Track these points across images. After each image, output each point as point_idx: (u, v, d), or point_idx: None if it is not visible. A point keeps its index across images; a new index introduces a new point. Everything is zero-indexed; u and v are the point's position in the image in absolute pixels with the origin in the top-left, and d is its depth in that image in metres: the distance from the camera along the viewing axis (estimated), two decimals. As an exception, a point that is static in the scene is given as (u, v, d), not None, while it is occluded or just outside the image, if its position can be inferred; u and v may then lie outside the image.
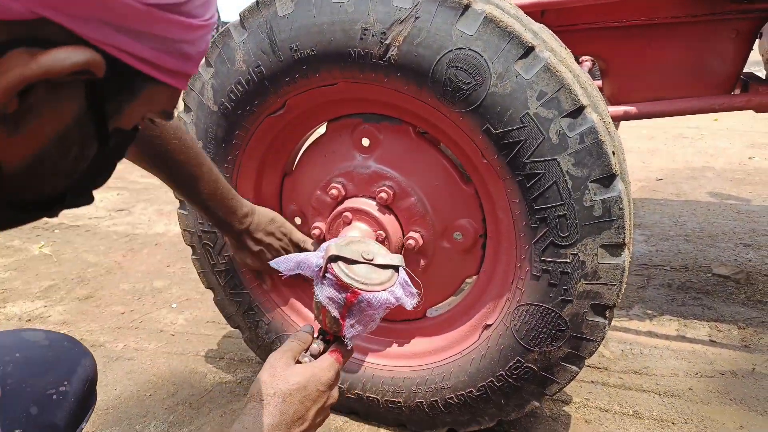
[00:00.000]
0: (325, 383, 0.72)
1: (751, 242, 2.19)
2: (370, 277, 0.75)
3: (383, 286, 0.75)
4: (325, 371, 0.73)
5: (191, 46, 0.47)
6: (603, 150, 0.87)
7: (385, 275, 0.76)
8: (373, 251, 0.78)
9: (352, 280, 0.73)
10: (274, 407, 0.68)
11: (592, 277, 0.94)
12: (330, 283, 0.74)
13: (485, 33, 0.88)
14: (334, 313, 0.74)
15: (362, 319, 0.75)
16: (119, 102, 0.46)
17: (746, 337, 1.57)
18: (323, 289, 0.75)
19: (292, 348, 0.76)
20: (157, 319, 1.91)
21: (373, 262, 0.76)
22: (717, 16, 1.40)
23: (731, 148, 3.70)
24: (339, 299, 0.74)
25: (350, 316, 0.75)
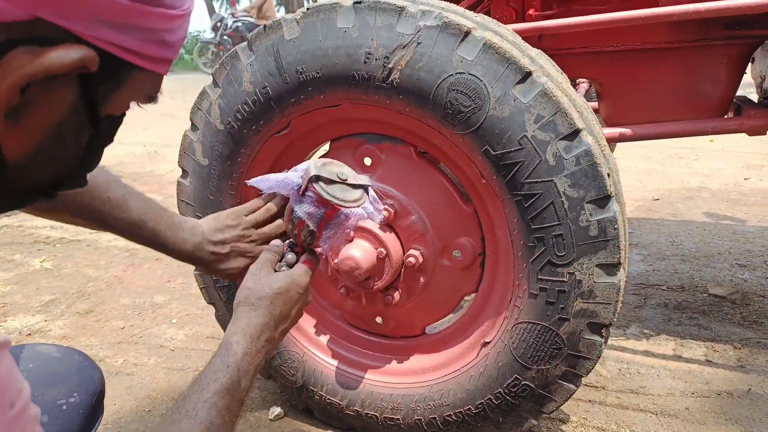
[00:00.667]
0: (303, 287, 0.82)
1: (747, 263, 2.21)
2: (346, 195, 0.84)
3: (357, 203, 0.84)
4: (302, 276, 0.82)
5: (171, 35, 0.51)
6: (598, 172, 0.90)
7: (357, 193, 0.85)
8: (345, 172, 0.86)
9: (331, 197, 0.81)
10: (263, 309, 0.77)
11: (588, 295, 0.96)
12: (310, 200, 0.82)
13: (484, 58, 0.91)
14: (312, 226, 0.83)
15: (338, 232, 0.86)
16: (108, 90, 0.49)
17: (742, 357, 1.59)
18: (302, 206, 0.83)
19: (269, 259, 0.84)
20: (157, 334, 1.91)
21: (347, 181, 0.85)
22: (709, 42, 1.44)
23: (727, 169, 3.74)
24: (318, 214, 0.83)
25: (327, 228, 0.85)
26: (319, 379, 1.30)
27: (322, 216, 0.83)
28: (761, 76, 1.70)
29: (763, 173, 3.59)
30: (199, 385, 0.69)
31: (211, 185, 1.21)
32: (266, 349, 0.77)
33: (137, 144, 5.63)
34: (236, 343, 0.73)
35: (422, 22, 0.94)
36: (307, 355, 1.32)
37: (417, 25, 0.94)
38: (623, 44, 1.50)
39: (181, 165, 1.24)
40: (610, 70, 1.56)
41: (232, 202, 1.22)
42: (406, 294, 1.21)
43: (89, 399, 0.84)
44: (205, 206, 1.23)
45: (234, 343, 0.73)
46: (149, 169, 4.52)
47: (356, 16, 0.98)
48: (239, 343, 0.73)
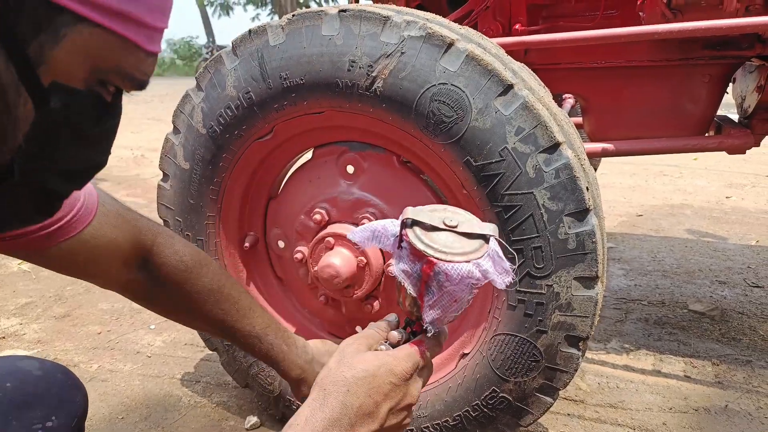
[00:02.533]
0: (399, 375, 0.59)
1: (727, 280, 2.24)
2: (452, 246, 0.61)
3: (466, 257, 0.60)
4: (401, 360, 0.60)
5: None
6: (577, 185, 0.90)
7: (471, 245, 0.62)
8: (458, 218, 0.64)
9: (427, 247, 0.60)
10: (335, 398, 0.57)
11: (566, 308, 0.96)
12: (405, 253, 0.62)
13: (467, 70, 0.92)
14: (410, 290, 0.62)
15: (442, 298, 0.62)
16: (41, 44, 0.39)
17: (720, 373, 1.60)
18: (398, 261, 0.63)
19: (369, 335, 0.65)
20: (135, 340, 1.88)
21: (458, 229, 0.63)
22: (691, 61, 1.47)
23: (709, 187, 3.80)
24: (414, 272, 0.61)
25: (428, 293, 0.62)
26: (297, 389, 1.29)
27: (419, 274, 0.61)
28: (741, 96, 1.74)
29: (744, 192, 3.66)
30: None
31: (191, 189, 1.20)
32: None
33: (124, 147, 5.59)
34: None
35: (406, 32, 0.95)
36: (285, 363, 1.30)
37: (401, 35, 0.95)
38: (607, 61, 1.53)
39: (162, 168, 1.23)
40: (595, 86, 1.58)
41: (212, 206, 1.21)
42: (387, 303, 1.20)
43: (69, 422, 0.77)
44: (186, 210, 1.22)
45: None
46: (135, 173, 4.48)
47: (341, 24, 0.98)
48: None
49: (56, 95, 0.41)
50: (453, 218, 0.63)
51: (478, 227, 0.64)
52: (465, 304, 0.63)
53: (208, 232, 1.23)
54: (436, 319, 0.63)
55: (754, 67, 1.65)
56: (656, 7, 1.35)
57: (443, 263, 0.59)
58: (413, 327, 0.67)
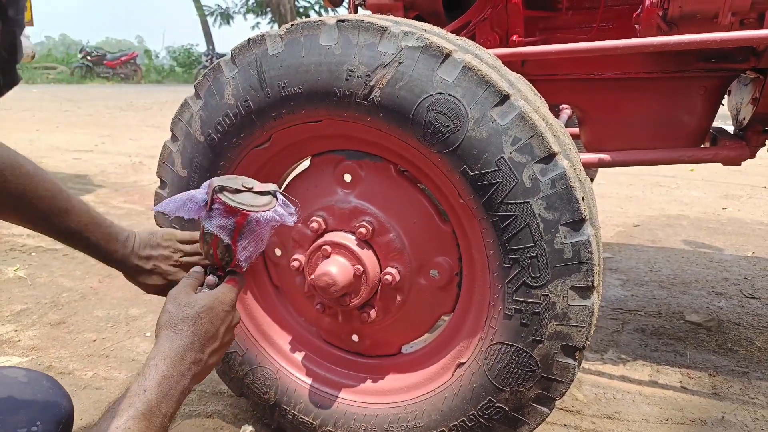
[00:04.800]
0: (229, 303, 0.80)
1: (723, 291, 2.24)
2: (254, 201, 0.82)
3: (267, 207, 0.83)
4: (227, 294, 0.80)
5: None
6: (573, 195, 0.91)
7: (266, 199, 0.84)
8: (250, 181, 0.85)
9: (239, 204, 0.80)
10: (186, 329, 0.74)
11: (562, 318, 0.96)
12: (218, 212, 0.80)
13: (464, 80, 0.93)
14: (225, 239, 0.81)
15: (253, 239, 0.83)
16: None
17: (716, 384, 1.60)
18: (212, 221, 0.81)
19: (190, 283, 0.82)
20: (130, 347, 1.87)
21: (253, 189, 0.84)
22: (686, 73, 1.48)
23: (706, 198, 3.82)
24: (229, 225, 0.80)
25: (241, 238, 0.82)
26: (293, 398, 1.28)
27: (234, 225, 0.81)
28: (737, 108, 1.75)
29: (740, 203, 3.67)
30: (112, 412, 0.65)
31: (189, 197, 1.20)
32: (193, 371, 0.73)
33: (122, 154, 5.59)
34: (155, 366, 0.70)
35: (404, 43, 0.95)
36: (280, 372, 1.30)
37: (399, 45, 0.96)
38: (604, 72, 1.54)
39: (160, 175, 1.23)
40: (591, 97, 1.59)
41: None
42: (383, 312, 1.20)
43: (53, 428, 0.79)
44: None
45: (153, 366, 0.70)
46: (132, 179, 4.48)
47: (339, 34, 0.99)
48: (158, 366, 0.70)
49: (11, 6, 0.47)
50: (247, 182, 0.85)
51: (266, 187, 0.87)
52: (267, 241, 0.87)
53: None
54: (248, 257, 0.84)
55: (749, 80, 1.66)
56: (652, 20, 1.37)
57: (254, 213, 0.81)
58: (217, 272, 0.86)
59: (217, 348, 0.78)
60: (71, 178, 4.51)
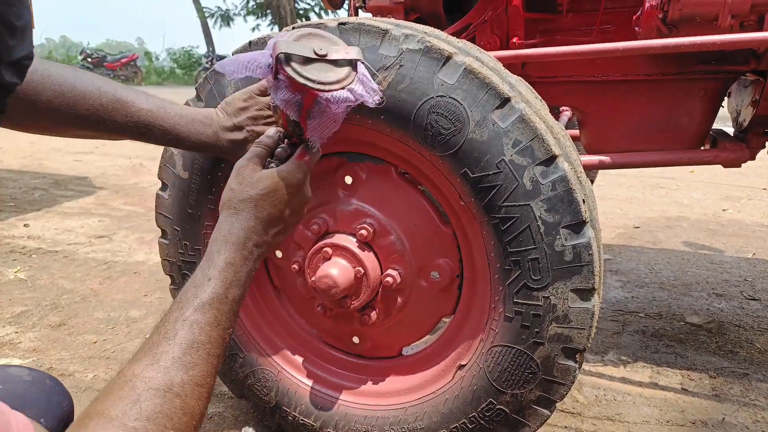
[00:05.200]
0: (295, 185, 0.73)
1: (724, 292, 2.24)
2: (326, 75, 0.69)
3: (341, 84, 0.69)
4: (293, 173, 0.73)
5: None
6: (573, 198, 0.91)
7: (342, 72, 0.70)
8: (325, 46, 0.70)
9: (306, 80, 0.67)
10: (247, 212, 0.70)
11: (563, 320, 0.96)
12: (284, 84, 0.69)
13: (465, 83, 0.93)
14: (293, 116, 0.71)
15: (324, 120, 0.73)
16: None
17: (717, 386, 1.60)
18: (277, 91, 0.70)
19: (258, 154, 0.75)
20: (130, 349, 1.87)
21: (328, 57, 0.70)
22: (686, 76, 1.49)
23: (706, 200, 3.82)
24: (295, 101, 0.70)
25: (310, 117, 0.72)
26: (293, 400, 1.28)
27: (301, 103, 0.70)
28: (737, 110, 1.75)
29: (741, 205, 3.67)
30: (178, 303, 0.63)
31: (190, 199, 1.20)
32: (256, 254, 0.70)
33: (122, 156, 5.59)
34: (217, 252, 0.67)
35: (405, 46, 0.96)
36: (281, 374, 1.30)
37: (400, 48, 0.96)
38: (604, 75, 1.54)
39: (161, 178, 1.23)
40: (591, 100, 1.59)
41: (211, 216, 1.21)
42: (384, 314, 1.20)
43: (56, 425, 0.80)
44: (184, 219, 1.22)
45: (215, 253, 0.67)
46: (132, 181, 4.48)
47: (340, 36, 0.99)
48: (220, 252, 0.67)
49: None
50: (322, 46, 0.70)
51: (345, 52, 0.72)
52: (341, 121, 0.76)
53: (205, 241, 1.23)
54: (318, 137, 0.75)
55: (749, 82, 1.66)
56: (652, 23, 1.37)
57: (324, 93, 0.68)
58: (291, 140, 0.77)
59: (281, 230, 0.74)
60: (71, 179, 4.52)
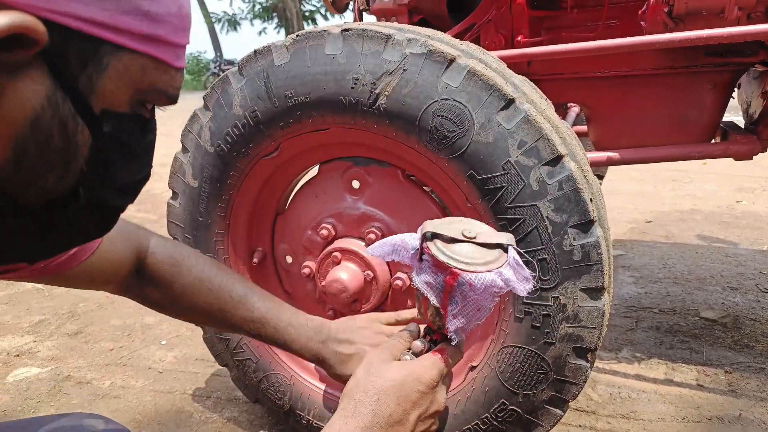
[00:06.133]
0: (426, 383, 0.63)
1: (739, 286, 2.21)
2: (473, 256, 0.63)
3: (488, 267, 0.62)
4: (427, 369, 0.64)
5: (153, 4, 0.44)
6: (581, 197, 0.91)
7: (491, 255, 0.64)
8: (476, 229, 0.66)
9: (449, 258, 0.62)
10: (366, 407, 0.60)
11: (573, 320, 0.96)
12: (427, 265, 0.64)
13: (469, 85, 0.93)
14: (434, 301, 0.64)
15: (466, 307, 0.64)
16: (90, 77, 0.43)
17: (733, 381, 1.58)
18: (420, 273, 0.65)
19: (394, 346, 0.68)
20: (146, 356, 1.90)
21: (476, 240, 0.64)
22: (694, 69, 1.47)
23: (719, 192, 3.77)
24: (437, 284, 0.63)
25: (452, 303, 0.64)
26: (307, 403, 1.29)
27: (443, 285, 0.63)
28: (747, 102, 1.73)
29: (755, 196, 3.62)
30: None
31: (200, 207, 1.22)
32: None
33: (134, 163, 5.65)
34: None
35: (408, 50, 0.96)
36: (294, 378, 1.31)
37: (403, 52, 0.96)
38: (611, 70, 1.53)
39: (171, 186, 1.25)
40: (598, 95, 1.58)
41: (221, 223, 1.22)
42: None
43: None
44: (195, 227, 1.24)
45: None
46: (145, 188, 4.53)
47: (344, 43, 1.00)
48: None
49: (107, 120, 0.46)
50: (471, 229, 0.65)
51: (496, 237, 0.66)
52: (487, 312, 0.65)
53: (217, 249, 1.25)
54: (459, 327, 0.65)
55: (758, 73, 1.64)
56: (658, 17, 1.36)
57: (467, 274, 0.61)
58: (433, 336, 0.70)
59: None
60: (85, 188, 4.58)
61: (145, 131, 0.51)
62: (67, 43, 0.41)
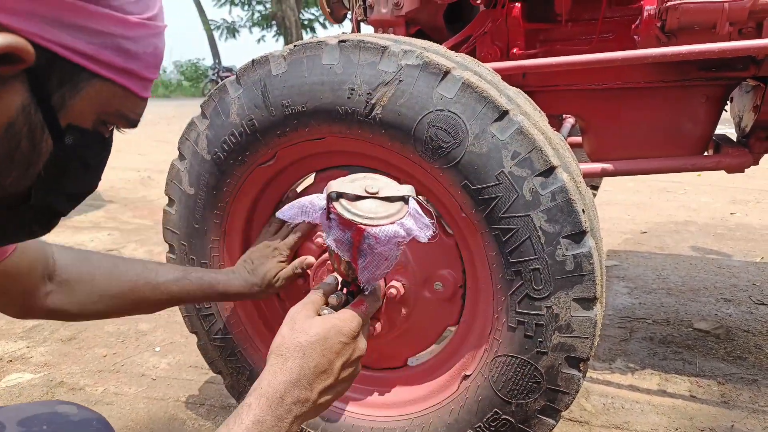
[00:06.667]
0: (348, 334, 0.67)
1: (732, 297, 2.23)
2: (376, 211, 0.66)
3: (390, 219, 0.66)
4: (347, 321, 0.68)
5: (132, 44, 0.50)
6: (573, 208, 0.92)
7: (393, 207, 0.68)
8: (378, 184, 0.69)
9: (354, 216, 0.65)
10: (293, 362, 0.64)
11: (565, 329, 0.97)
12: (335, 223, 0.68)
13: (463, 97, 0.94)
14: (345, 256, 0.68)
15: (374, 258, 0.68)
16: (63, 95, 0.48)
17: (725, 393, 1.58)
18: (330, 232, 0.68)
19: (314, 300, 0.72)
20: (140, 362, 1.89)
21: (379, 195, 0.68)
22: (687, 82, 1.49)
23: (714, 203, 3.80)
24: (346, 240, 0.67)
25: (361, 257, 0.67)
26: (300, 411, 1.29)
27: (350, 240, 0.67)
28: (739, 116, 1.75)
29: (748, 208, 3.65)
30: None
31: (196, 214, 1.22)
32: (295, 412, 0.62)
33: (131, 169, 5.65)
34: (247, 407, 0.60)
35: (404, 61, 0.97)
36: (288, 386, 1.31)
37: (399, 63, 0.98)
38: (605, 83, 1.55)
39: (168, 193, 1.25)
40: (593, 107, 1.60)
41: (217, 230, 1.23)
42: (388, 325, 1.21)
43: None
44: (191, 234, 1.24)
45: (245, 407, 0.61)
46: (141, 194, 4.53)
47: (341, 53, 1.01)
48: (251, 407, 0.60)
49: (70, 134, 0.51)
50: (373, 185, 0.69)
51: (397, 190, 0.70)
52: (394, 260, 0.71)
53: (212, 256, 1.25)
54: (370, 278, 0.71)
55: (750, 87, 1.67)
56: (650, 31, 1.38)
57: (371, 228, 0.66)
58: (350, 287, 0.75)
59: (331, 384, 0.66)
60: (81, 193, 4.57)
61: (102, 148, 0.56)
62: (52, 65, 0.46)
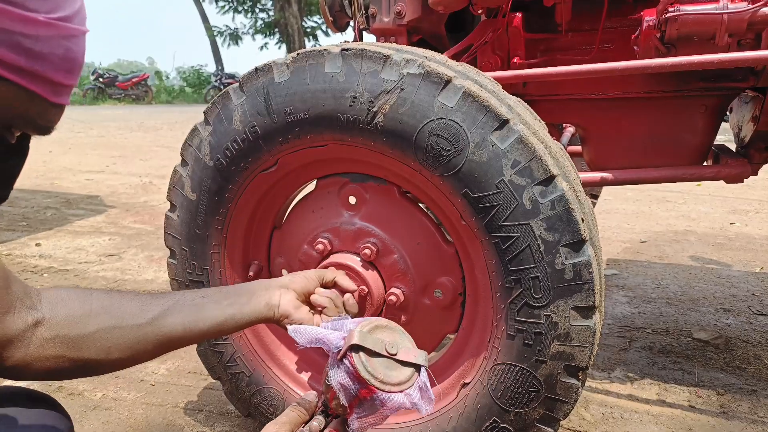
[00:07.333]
0: None
1: (731, 307, 2.23)
2: (390, 374, 0.72)
3: (401, 387, 0.72)
4: None
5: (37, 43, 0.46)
6: (573, 217, 0.92)
7: (404, 374, 0.73)
8: (397, 343, 0.74)
9: (370, 376, 0.70)
10: None
11: (564, 338, 0.97)
12: (346, 369, 0.71)
13: (464, 105, 0.95)
14: (343, 400, 0.72)
15: (372, 415, 0.73)
16: None
17: (725, 403, 1.58)
18: (337, 373, 0.72)
19: (291, 420, 0.72)
20: (139, 368, 1.89)
21: (396, 356, 0.73)
22: (687, 93, 1.50)
23: (713, 213, 3.80)
24: (352, 389, 0.71)
25: (360, 408, 0.72)
26: (299, 418, 1.29)
27: (356, 393, 0.71)
28: (738, 126, 1.76)
29: (748, 218, 3.65)
30: None
31: (198, 219, 1.23)
32: None
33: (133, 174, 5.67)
34: None
35: (405, 70, 0.98)
36: (287, 392, 1.31)
37: (401, 72, 0.99)
38: (605, 92, 1.56)
39: (170, 199, 1.26)
40: (593, 117, 1.61)
41: (218, 236, 1.23)
42: (388, 332, 1.21)
43: None
44: (192, 240, 1.25)
45: None
46: (143, 199, 4.54)
47: (343, 62, 1.03)
48: None
49: None
50: (393, 344, 0.74)
51: (413, 356, 0.75)
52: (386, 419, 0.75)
53: (213, 261, 1.26)
54: (360, 427, 0.74)
55: (749, 98, 1.68)
56: (650, 42, 1.39)
57: (382, 393, 0.70)
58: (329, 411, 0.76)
59: None
60: (83, 198, 4.58)
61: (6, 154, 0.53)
62: None
